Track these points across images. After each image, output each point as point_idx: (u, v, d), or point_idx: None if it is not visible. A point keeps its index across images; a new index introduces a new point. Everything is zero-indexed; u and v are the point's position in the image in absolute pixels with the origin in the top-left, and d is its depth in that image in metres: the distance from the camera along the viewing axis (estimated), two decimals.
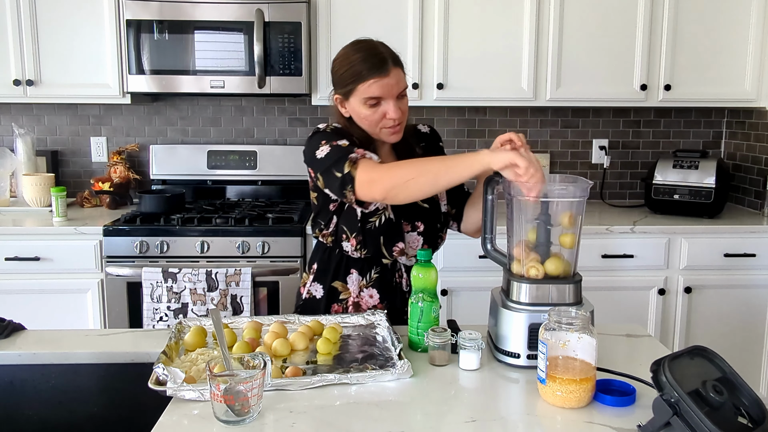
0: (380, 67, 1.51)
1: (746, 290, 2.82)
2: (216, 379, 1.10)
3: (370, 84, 1.52)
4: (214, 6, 2.81)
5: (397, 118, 1.55)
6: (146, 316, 2.61)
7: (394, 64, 1.54)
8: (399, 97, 1.56)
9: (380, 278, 1.69)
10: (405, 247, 1.67)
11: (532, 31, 2.91)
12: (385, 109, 1.54)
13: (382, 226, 1.63)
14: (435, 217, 1.70)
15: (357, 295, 1.69)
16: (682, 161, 2.99)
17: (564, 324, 1.17)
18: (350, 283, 1.70)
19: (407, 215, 1.65)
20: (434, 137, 1.78)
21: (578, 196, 1.34)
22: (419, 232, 1.67)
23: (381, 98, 1.53)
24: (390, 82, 1.52)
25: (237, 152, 3.23)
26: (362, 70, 1.52)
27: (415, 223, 1.67)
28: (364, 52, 1.53)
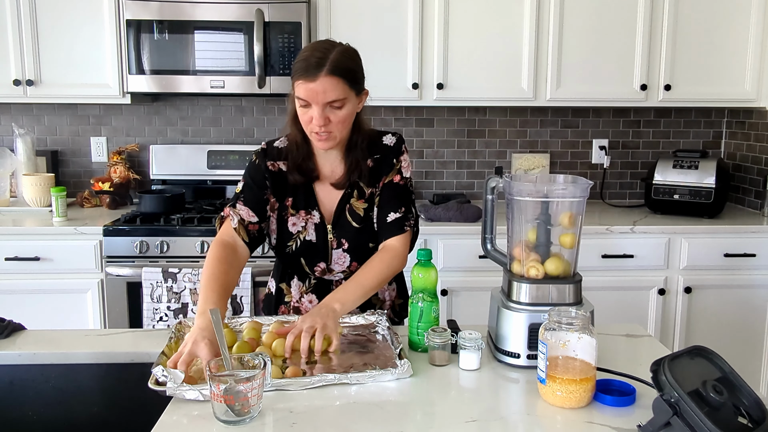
0: (308, 71, 1.46)
1: (746, 290, 2.82)
2: (216, 379, 1.10)
3: (298, 84, 1.48)
4: (214, 6, 2.81)
5: (320, 126, 1.49)
6: (146, 316, 2.61)
7: (330, 73, 1.45)
8: (333, 107, 1.49)
9: (318, 285, 1.69)
10: (329, 265, 1.65)
11: (532, 31, 2.91)
12: (312, 114, 1.49)
13: (299, 249, 1.64)
14: (366, 236, 1.64)
15: (298, 299, 1.70)
16: (682, 161, 2.99)
17: (564, 324, 1.17)
18: (292, 286, 1.71)
19: (339, 232, 1.63)
20: (394, 152, 1.65)
21: (578, 196, 1.34)
22: (344, 249, 1.64)
23: (308, 102, 1.49)
24: (315, 89, 1.45)
25: (237, 152, 3.23)
26: (297, 69, 1.49)
27: (341, 240, 1.64)
28: (308, 52, 1.49)
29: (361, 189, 1.64)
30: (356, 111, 1.57)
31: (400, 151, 1.66)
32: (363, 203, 1.63)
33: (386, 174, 1.64)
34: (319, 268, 1.65)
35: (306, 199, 1.64)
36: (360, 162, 1.61)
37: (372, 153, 1.64)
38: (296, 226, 1.63)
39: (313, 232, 1.63)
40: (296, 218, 1.64)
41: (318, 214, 1.63)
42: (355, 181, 1.63)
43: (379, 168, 1.64)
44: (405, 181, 1.65)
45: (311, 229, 1.63)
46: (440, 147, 3.35)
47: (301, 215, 1.63)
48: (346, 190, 1.64)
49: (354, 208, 1.63)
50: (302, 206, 1.64)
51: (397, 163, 1.65)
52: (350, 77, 1.50)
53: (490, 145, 3.37)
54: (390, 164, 1.64)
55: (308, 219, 1.63)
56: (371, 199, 1.64)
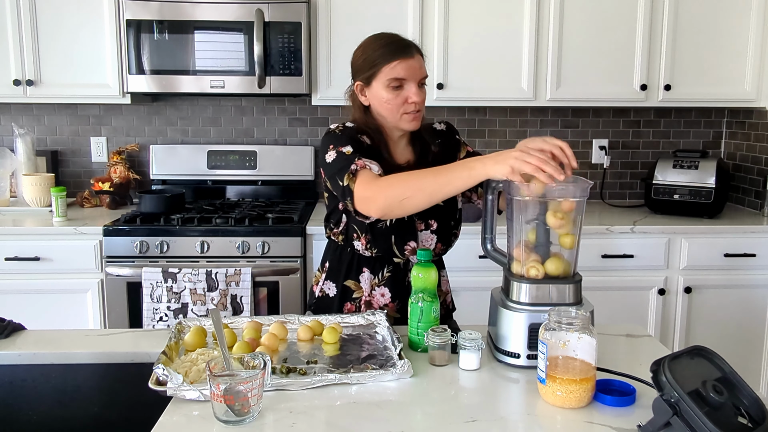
0: (405, 50, 1.57)
1: (746, 290, 2.82)
2: (216, 379, 1.10)
3: (394, 65, 1.56)
4: (214, 6, 2.81)
5: (419, 102, 1.58)
6: (146, 316, 2.61)
7: (419, 52, 1.61)
8: (422, 84, 1.60)
9: (392, 277, 1.69)
10: (418, 246, 1.66)
11: (532, 31, 2.91)
12: (407, 93, 1.57)
13: (393, 226, 1.63)
14: (449, 215, 1.70)
15: (369, 293, 1.69)
16: (682, 161, 2.99)
17: (564, 324, 1.17)
18: (362, 281, 1.69)
19: (421, 213, 1.64)
20: (450, 133, 1.78)
21: (578, 196, 1.34)
22: (432, 230, 1.67)
23: (404, 80, 1.56)
24: (414, 65, 1.57)
25: (237, 152, 3.23)
26: (387, 52, 1.57)
27: (429, 222, 1.67)
28: (389, 38, 1.60)
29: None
30: None
31: (455, 131, 1.80)
32: None
33: (457, 152, 1.75)
34: (409, 248, 1.65)
35: None
36: (429, 143, 1.70)
37: (433, 140, 1.73)
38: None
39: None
40: None
41: None
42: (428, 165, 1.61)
43: (447, 150, 1.73)
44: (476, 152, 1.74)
45: None
46: None
47: None
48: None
49: None
50: None
51: (460, 139, 1.79)
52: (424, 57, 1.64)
53: (490, 145, 3.37)
54: (455, 143, 1.77)
55: None
56: None
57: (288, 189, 3.28)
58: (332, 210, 1.69)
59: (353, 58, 1.65)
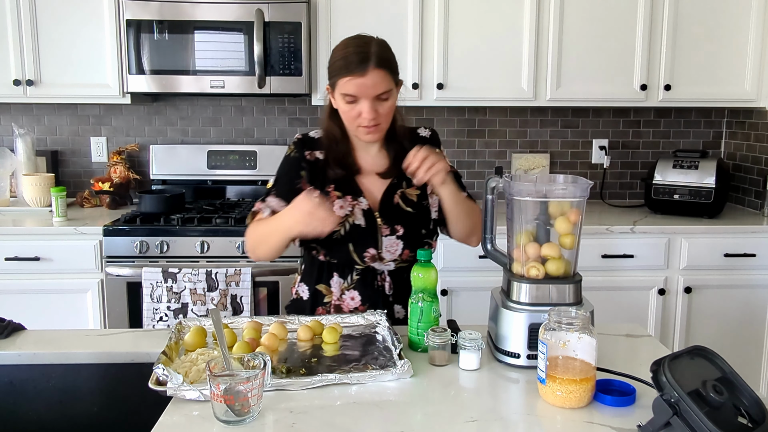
0: (357, 67, 1.48)
1: (746, 290, 2.82)
2: (216, 379, 1.10)
3: (346, 81, 1.50)
4: (214, 6, 2.81)
5: (371, 119, 1.52)
6: (146, 316, 2.61)
7: (378, 66, 1.49)
8: (380, 99, 1.53)
9: (361, 280, 1.67)
10: (380, 252, 1.63)
11: (532, 31, 2.91)
12: (360, 109, 1.52)
13: (348, 234, 1.61)
14: (420, 223, 1.66)
15: (339, 297, 1.68)
16: (682, 161, 2.99)
17: (564, 324, 1.17)
18: (333, 285, 1.69)
19: (387, 217, 1.63)
20: (433, 142, 1.72)
21: (578, 196, 1.34)
22: (398, 236, 1.63)
23: (357, 97, 1.51)
24: (366, 83, 1.49)
25: (237, 152, 3.23)
26: (343, 66, 1.50)
27: (395, 227, 1.63)
28: (351, 48, 1.51)
29: (410, 179, 1.62)
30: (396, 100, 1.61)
31: (438, 141, 1.74)
32: (415, 190, 1.66)
33: None
34: (368, 254, 1.63)
35: (351, 188, 1.64)
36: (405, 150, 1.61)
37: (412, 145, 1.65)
38: (343, 210, 1.61)
39: (361, 217, 1.62)
40: (343, 201, 1.62)
41: (365, 201, 1.63)
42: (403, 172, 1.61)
43: None
44: (453, 169, 1.67)
45: (359, 213, 1.62)
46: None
47: (348, 200, 1.63)
48: (393, 180, 1.65)
49: (407, 195, 1.65)
50: (348, 193, 1.64)
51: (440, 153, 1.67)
52: (392, 68, 1.54)
53: (490, 145, 3.37)
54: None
55: (355, 204, 1.62)
56: (424, 187, 1.65)
57: None
58: None
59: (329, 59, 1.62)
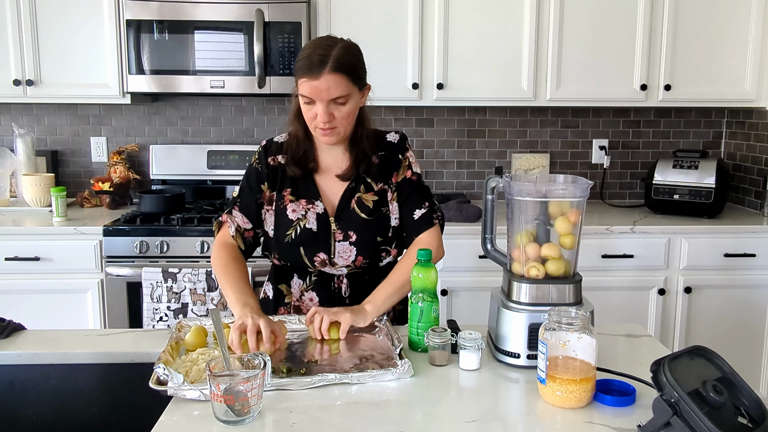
0: (311, 69, 1.46)
1: (746, 290, 2.82)
2: (216, 379, 1.10)
3: (302, 82, 1.49)
4: (214, 6, 2.81)
5: (324, 122, 1.50)
6: (146, 316, 2.61)
7: (334, 70, 1.46)
8: (337, 103, 1.50)
9: (319, 282, 1.68)
10: (331, 258, 1.63)
11: (532, 31, 2.91)
12: (316, 111, 1.50)
13: (299, 237, 1.62)
14: (375, 229, 1.63)
15: (298, 298, 1.70)
16: (682, 161, 2.99)
17: (564, 324, 1.17)
18: (292, 286, 1.70)
19: (342, 223, 1.62)
20: (399, 148, 1.67)
21: (578, 196, 1.34)
22: (351, 242, 1.62)
23: (312, 99, 1.50)
24: (319, 86, 1.47)
25: (237, 152, 3.23)
26: (300, 67, 1.49)
27: (348, 233, 1.62)
28: (310, 50, 1.49)
29: (369, 183, 1.64)
30: (360, 105, 1.59)
31: (405, 147, 1.69)
32: (373, 196, 1.64)
33: (396, 171, 1.66)
34: (318, 259, 1.63)
35: (307, 190, 1.64)
36: (368, 154, 1.63)
37: (377, 150, 1.66)
38: (296, 213, 1.63)
39: (314, 221, 1.62)
40: (296, 205, 1.63)
41: (321, 205, 1.63)
42: (362, 176, 1.64)
43: (386, 165, 1.66)
44: (418, 177, 1.68)
45: (312, 217, 1.62)
46: (440, 147, 3.35)
47: (302, 204, 1.63)
48: (351, 183, 1.64)
49: (363, 200, 1.63)
50: (304, 196, 1.64)
51: (404, 160, 1.67)
52: (353, 73, 1.51)
53: (490, 145, 3.37)
54: (397, 161, 1.66)
55: (309, 208, 1.63)
56: (382, 193, 1.64)
57: None
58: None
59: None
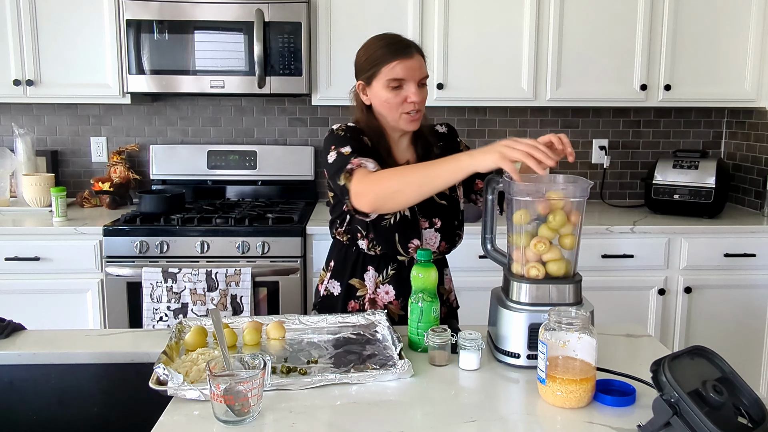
0: (404, 51, 1.58)
1: (746, 290, 2.82)
2: (216, 379, 1.10)
3: (393, 66, 1.57)
4: (214, 6, 2.81)
5: (418, 102, 1.59)
6: (146, 316, 2.61)
7: (419, 52, 1.62)
8: (422, 85, 1.61)
9: (396, 275, 1.69)
10: (422, 244, 1.67)
11: (532, 31, 2.91)
12: (407, 93, 1.59)
13: (397, 224, 1.64)
14: (452, 214, 1.71)
15: (373, 291, 1.70)
16: (682, 161, 2.99)
17: (564, 324, 1.17)
18: (367, 279, 1.70)
19: (424, 211, 1.66)
20: (452, 136, 1.80)
21: (578, 196, 1.34)
22: (436, 228, 1.68)
23: (403, 80, 1.58)
24: (413, 65, 1.58)
25: (237, 152, 3.23)
26: (387, 53, 1.59)
27: (433, 220, 1.67)
28: (389, 39, 1.61)
29: None
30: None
31: (457, 134, 1.82)
32: None
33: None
34: (413, 245, 1.66)
35: None
36: (433, 147, 1.71)
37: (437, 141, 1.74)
38: None
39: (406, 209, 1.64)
40: None
41: None
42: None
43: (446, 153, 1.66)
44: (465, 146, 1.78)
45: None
46: None
47: None
48: None
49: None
50: None
51: (460, 144, 1.79)
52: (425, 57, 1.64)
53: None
54: (455, 146, 1.77)
55: None
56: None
57: (288, 189, 3.28)
58: (335, 209, 1.70)
59: (356, 58, 1.67)
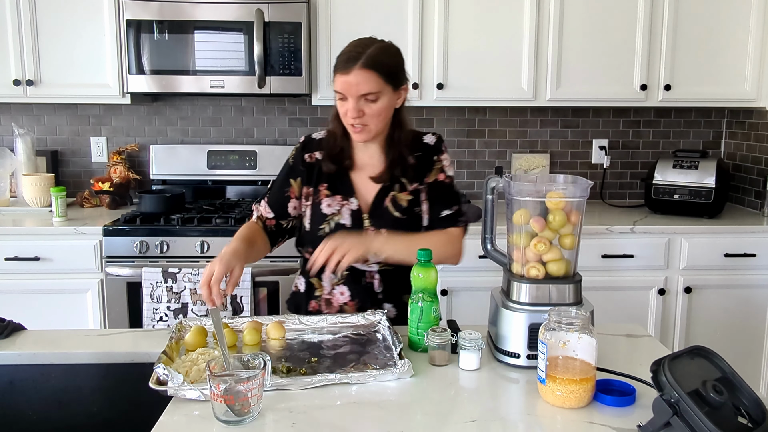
0: (343, 65, 1.53)
1: (746, 290, 2.82)
2: (216, 379, 1.10)
3: (336, 78, 1.55)
4: (214, 6, 2.81)
5: (353, 118, 1.55)
6: (146, 316, 2.61)
7: (365, 66, 1.51)
8: (367, 100, 1.54)
9: (351, 276, 1.68)
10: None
11: (532, 31, 2.91)
12: (346, 107, 1.56)
13: (333, 232, 1.64)
14: (408, 229, 1.65)
15: (329, 292, 1.70)
16: (682, 161, 2.99)
17: (564, 324, 1.17)
18: (324, 279, 1.71)
19: (376, 221, 1.65)
20: (434, 150, 1.70)
21: (578, 196, 1.34)
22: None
23: (343, 95, 1.55)
24: (349, 81, 1.52)
25: (237, 152, 3.23)
26: (336, 63, 1.56)
27: (381, 231, 1.63)
28: (349, 48, 1.56)
29: (404, 184, 1.67)
30: (394, 106, 1.62)
31: (440, 150, 1.71)
32: (408, 195, 1.66)
33: (428, 172, 1.68)
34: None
35: (343, 187, 1.67)
36: (403, 158, 1.66)
37: (413, 151, 1.69)
38: (331, 208, 1.66)
39: (348, 217, 1.65)
40: (331, 200, 1.66)
41: (355, 202, 1.66)
42: (397, 177, 1.66)
43: (421, 166, 1.68)
44: (450, 180, 1.70)
45: (346, 213, 1.65)
46: None
47: (337, 199, 1.66)
48: (385, 183, 1.66)
49: (397, 199, 1.66)
50: (339, 192, 1.67)
51: (437, 162, 1.69)
52: (385, 71, 1.54)
53: (490, 145, 3.37)
54: (431, 162, 1.69)
55: (344, 204, 1.66)
56: (416, 194, 1.67)
57: None
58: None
59: None
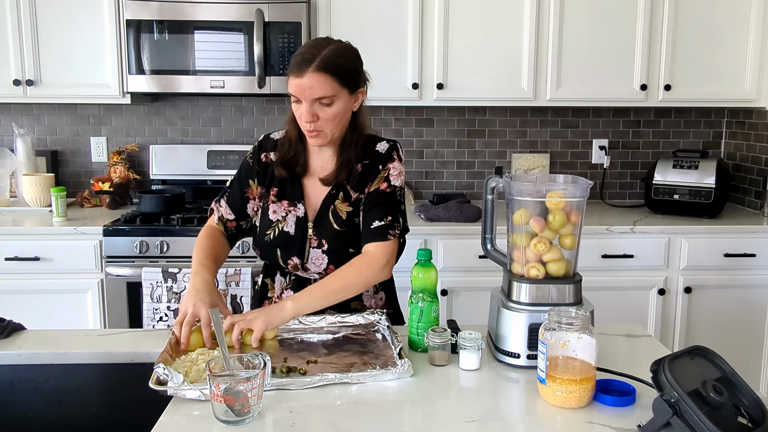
0: (297, 67, 1.47)
1: (746, 290, 2.82)
2: (216, 379, 1.10)
3: (289, 80, 1.49)
4: (214, 6, 2.81)
5: (307, 121, 1.50)
6: (146, 316, 2.61)
7: (318, 69, 1.45)
8: (322, 104, 1.49)
9: (297, 282, 1.68)
10: (304, 263, 1.62)
11: (532, 31, 2.91)
12: (300, 111, 1.51)
13: (276, 239, 1.63)
14: (349, 241, 1.60)
15: (279, 295, 1.71)
16: (682, 161, 2.99)
17: (564, 324, 1.17)
18: (276, 282, 1.72)
19: (318, 230, 1.62)
20: (383, 159, 1.62)
21: (578, 196, 1.34)
22: (324, 250, 1.61)
23: (298, 98, 1.49)
24: (302, 84, 1.46)
25: (237, 152, 3.23)
26: (290, 65, 1.50)
27: (321, 240, 1.61)
28: (304, 49, 1.50)
29: (348, 192, 1.62)
30: (351, 110, 1.56)
31: (390, 158, 1.62)
32: (347, 206, 1.61)
33: (371, 181, 1.61)
34: (292, 263, 1.63)
35: (293, 192, 1.65)
36: (351, 161, 1.60)
37: (364, 157, 1.62)
38: (276, 215, 1.64)
39: (292, 224, 1.63)
40: (277, 206, 1.64)
41: (303, 209, 1.63)
42: (343, 183, 1.62)
43: (366, 174, 1.62)
44: (393, 189, 1.60)
45: (291, 221, 1.63)
46: (440, 147, 3.35)
47: (284, 205, 1.64)
48: (332, 190, 1.62)
49: (338, 210, 1.61)
50: (287, 197, 1.65)
51: (383, 171, 1.61)
52: (340, 74, 1.48)
53: (490, 145, 3.37)
54: (376, 171, 1.61)
55: (290, 211, 1.64)
56: (357, 203, 1.62)
57: None
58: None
59: None
